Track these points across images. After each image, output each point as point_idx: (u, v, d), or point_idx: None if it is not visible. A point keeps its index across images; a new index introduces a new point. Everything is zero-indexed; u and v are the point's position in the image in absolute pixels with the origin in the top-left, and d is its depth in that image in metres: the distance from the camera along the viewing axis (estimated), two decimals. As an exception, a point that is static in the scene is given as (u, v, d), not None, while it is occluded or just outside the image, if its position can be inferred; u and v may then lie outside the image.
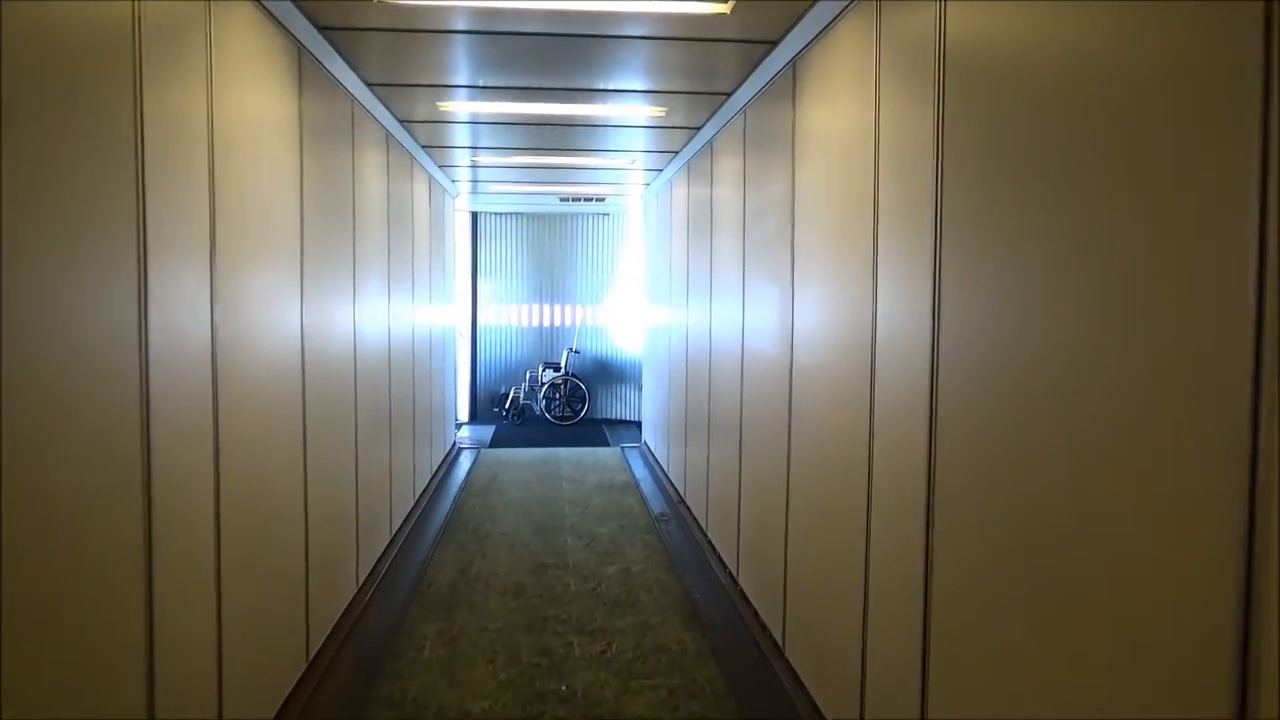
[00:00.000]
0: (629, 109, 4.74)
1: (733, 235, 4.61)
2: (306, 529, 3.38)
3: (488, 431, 9.90)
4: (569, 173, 7.36)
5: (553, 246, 10.89)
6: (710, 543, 5.19)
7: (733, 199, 4.63)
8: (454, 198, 8.63)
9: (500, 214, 10.75)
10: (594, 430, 10.10)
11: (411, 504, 5.97)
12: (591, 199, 9.11)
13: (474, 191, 8.81)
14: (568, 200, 9.26)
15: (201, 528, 2.38)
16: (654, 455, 8.06)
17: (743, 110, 4.35)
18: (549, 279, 10.93)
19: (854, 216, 2.76)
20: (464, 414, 10.71)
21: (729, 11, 3.02)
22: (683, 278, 6.33)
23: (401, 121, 5.12)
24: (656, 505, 6.46)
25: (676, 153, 6.17)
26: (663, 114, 4.78)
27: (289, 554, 3.20)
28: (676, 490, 6.60)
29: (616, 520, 6.03)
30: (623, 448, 8.90)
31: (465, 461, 8.12)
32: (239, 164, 2.65)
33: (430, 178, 6.88)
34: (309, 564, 3.42)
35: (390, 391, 5.12)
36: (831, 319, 2.99)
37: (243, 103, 2.69)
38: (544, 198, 9.25)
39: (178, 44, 2.21)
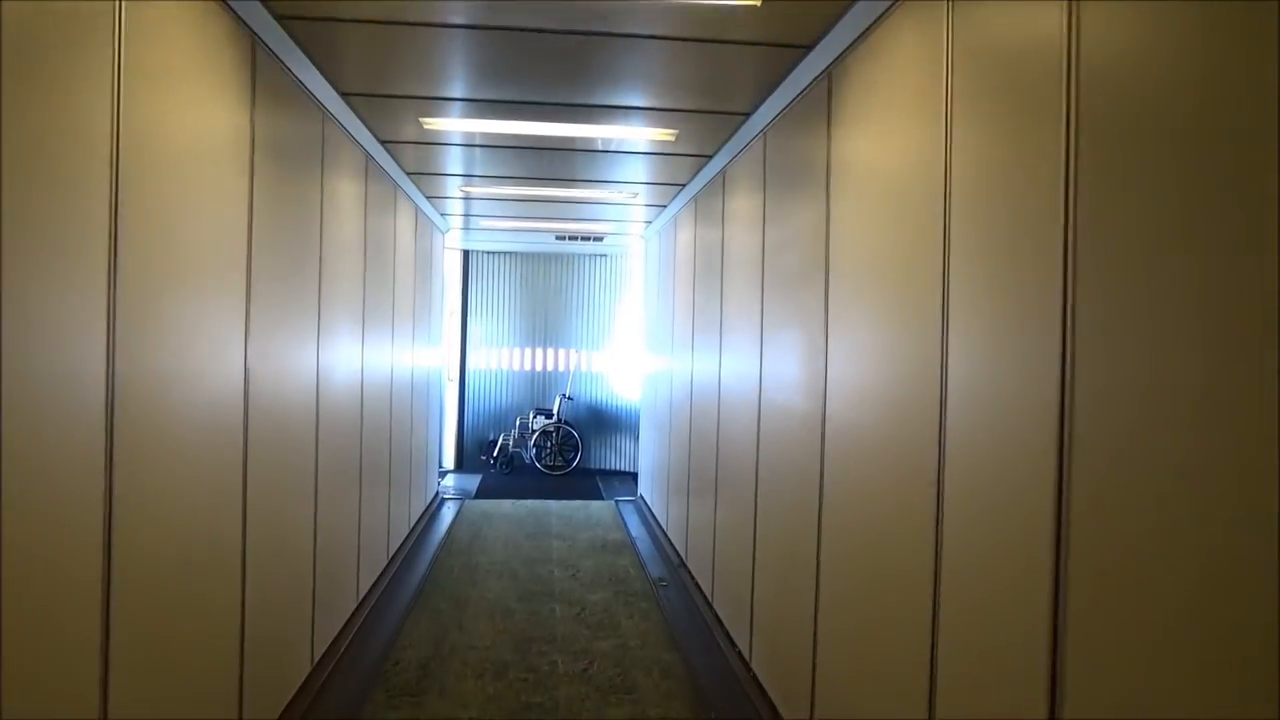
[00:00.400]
0: (634, 131, 4.30)
1: (748, 277, 4.13)
2: (243, 604, 2.82)
3: (474, 481, 9.33)
4: (567, 207, 6.92)
5: (547, 288, 10.44)
6: (716, 616, 4.62)
7: (749, 237, 4.17)
8: (444, 234, 8.19)
9: (493, 252, 10.31)
10: (587, 482, 9.53)
11: (384, 563, 5.39)
12: (589, 238, 8.68)
13: (466, 227, 8.37)
14: (564, 239, 8.82)
15: (77, 635, 1.84)
16: (651, 511, 7.50)
17: (763, 134, 3.91)
18: (542, 322, 10.46)
19: (913, 261, 2.27)
20: (450, 461, 10.14)
21: (759, 2, 2.57)
22: (687, 322, 5.85)
23: (383, 143, 4.67)
24: (655, 569, 5.89)
25: (683, 186, 5.73)
26: (672, 138, 4.33)
27: (216, 639, 2.64)
28: (677, 551, 6.04)
29: (610, 585, 5.45)
30: (617, 501, 8.34)
31: (448, 514, 7.54)
32: (160, 183, 2.16)
33: (417, 210, 6.42)
34: (245, 647, 2.85)
35: (362, 440, 4.59)
36: (881, 373, 2.49)
37: (168, 111, 2.21)
38: (539, 236, 8.82)
39: (60, 37, 1.73)
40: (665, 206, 6.62)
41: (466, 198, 6.55)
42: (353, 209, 4.32)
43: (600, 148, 4.70)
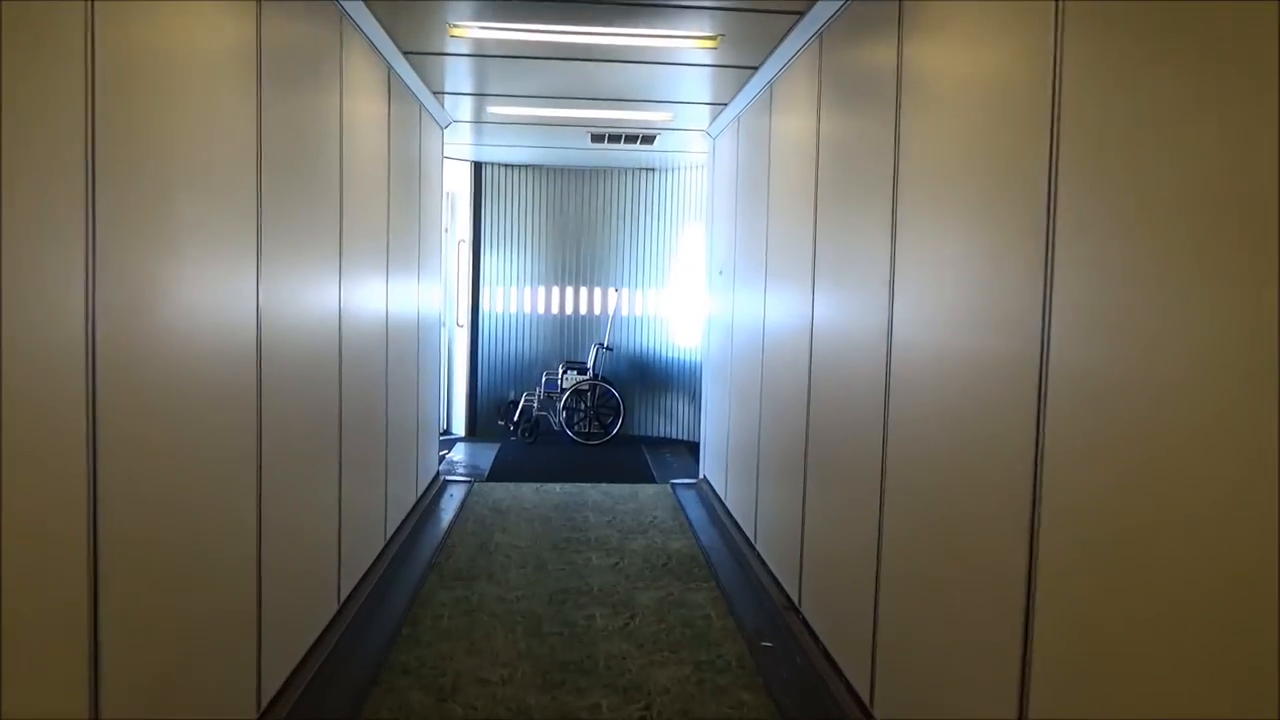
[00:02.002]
0: None
1: (963, 169, 2.07)
2: None
3: (488, 453, 7.39)
4: (608, 74, 4.80)
5: (581, 211, 8.35)
6: (886, 740, 2.63)
7: (980, 102, 2.08)
8: (444, 129, 6.11)
9: (512, 165, 8.21)
10: (631, 454, 7.56)
11: (331, 614, 3.46)
12: (637, 136, 6.55)
13: (475, 120, 6.27)
14: (602, 141, 6.71)
15: None
16: (723, 503, 5.51)
17: None
18: (574, 254, 8.40)
19: None
20: (460, 426, 8.22)
21: None
22: (799, 243, 3.78)
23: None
24: (747, 611, 3.90)
25: (799, 15, 3.59)
26: None
27: None
28: (779, 584, 4.05)
29: (686, 648, 3.48)
30: (674, 485, 6.36)
31: (449, 506, 5.61)
32: None
33: (391, 76, 4.35)
34: None
35: (263, 422, 2.61)
36: None
37: None
38: (570, 137, 6.71)
39: None
40: (755, 69, 4.48)
41: (476, 54, 4.46)
42: (230, 63, 2.28)
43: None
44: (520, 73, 4.82)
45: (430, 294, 5.69)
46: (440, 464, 6.69)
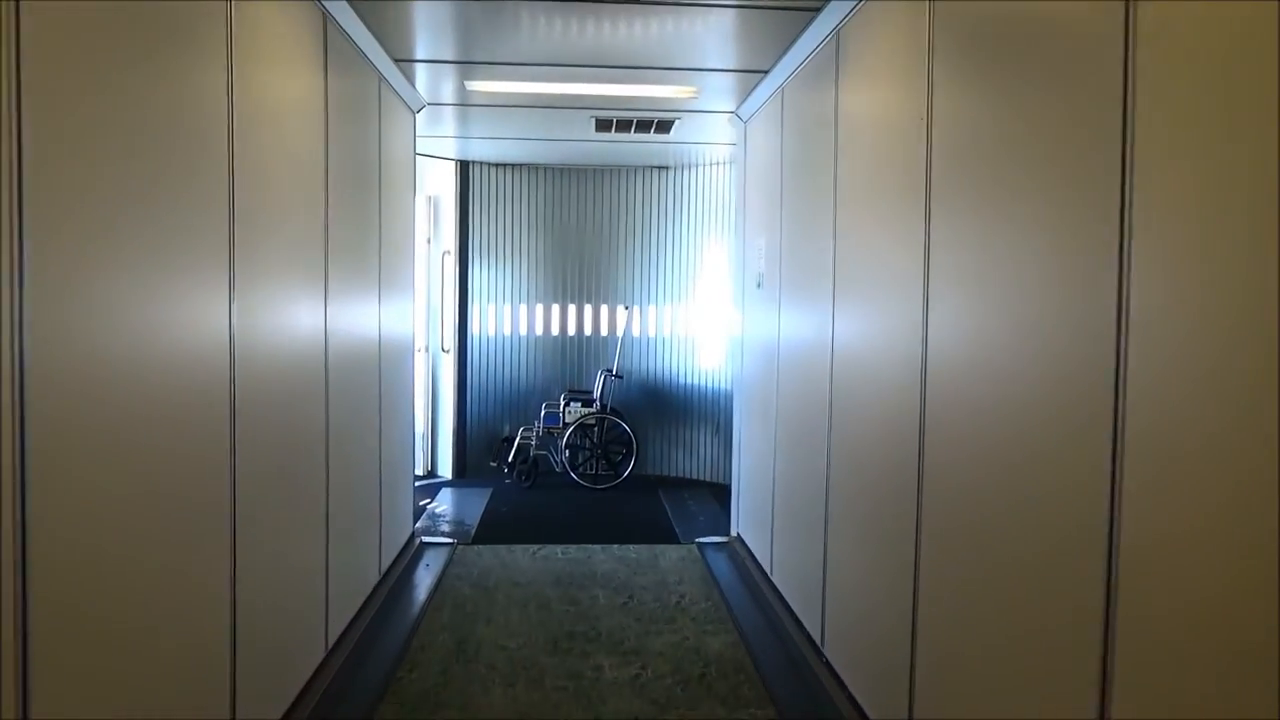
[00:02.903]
0: None
1: None
2: None
3: (478, 502, 6.23)
4: (621, 27, 3.69)
5: (584, 217, 7.24)
6: None
7: None
8: (416, 114, 5.01)
9: (503, 164, 7.10)
10: (646, 501, 6.39)
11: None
12: (650, 123, 5.44)
13: (458, 103, 5.16)
14: (609, 129, 5.59)
15: None
16: (765, 574, 4.35)
17: None
18: (577, 267, 7.28)
19: None
20: (447, 467, 7.07)
21: None
22: (907, 249, 2.66)
23: None
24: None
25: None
26: None
27: None
28: (862, 712, 2.89)
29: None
30: (701, 546, 5.20)
31: (423, 582, 4.45)
32: None
33: (331, 30, 3.24)
34: None
35: (155, 485, 1.48)
36: None
37: None
38: (571, 124, 5.60)
39: None
40: (816, 11, 3.37)
41: None
42: None
43: None
44: (508, 28, 3.70)
45: (398, 315, 4.56)
46: (420, 518, 5.55)
